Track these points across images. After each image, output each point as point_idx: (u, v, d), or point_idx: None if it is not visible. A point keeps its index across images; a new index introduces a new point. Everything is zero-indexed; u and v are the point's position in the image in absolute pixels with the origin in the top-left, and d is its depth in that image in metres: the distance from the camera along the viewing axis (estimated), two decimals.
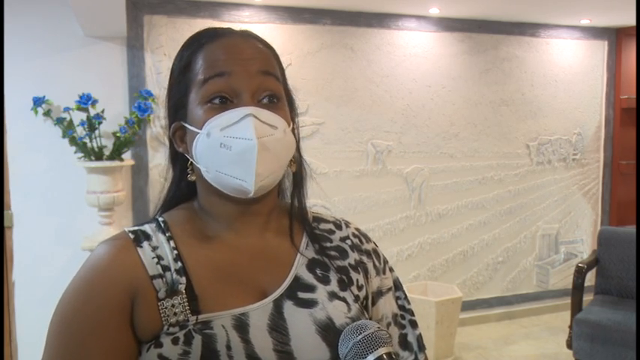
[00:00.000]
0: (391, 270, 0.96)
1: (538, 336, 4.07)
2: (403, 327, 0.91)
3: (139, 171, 3.40)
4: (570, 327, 3.37)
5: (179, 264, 0.79)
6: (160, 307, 0.76)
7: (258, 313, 0.78)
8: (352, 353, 0.70)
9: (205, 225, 0.85)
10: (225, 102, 0.80)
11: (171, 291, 0.77)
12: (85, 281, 0.77)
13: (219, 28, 0.87)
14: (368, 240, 0.96)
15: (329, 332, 0.79)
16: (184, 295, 0.77)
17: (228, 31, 0.85)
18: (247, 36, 0.86)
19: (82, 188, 3.13)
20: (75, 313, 0.76)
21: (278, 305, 0.80)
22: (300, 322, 0.79)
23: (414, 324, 0.92)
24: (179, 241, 0.82)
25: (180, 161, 0.88)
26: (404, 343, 0.90)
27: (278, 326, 0.78)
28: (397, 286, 0.95)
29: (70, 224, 3.28)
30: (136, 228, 0.84)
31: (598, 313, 3.29)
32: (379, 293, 0.91)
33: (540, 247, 4.53)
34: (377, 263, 0.93)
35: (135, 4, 3.31)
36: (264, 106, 0.81)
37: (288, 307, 0.80)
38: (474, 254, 4.30)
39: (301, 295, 0.82)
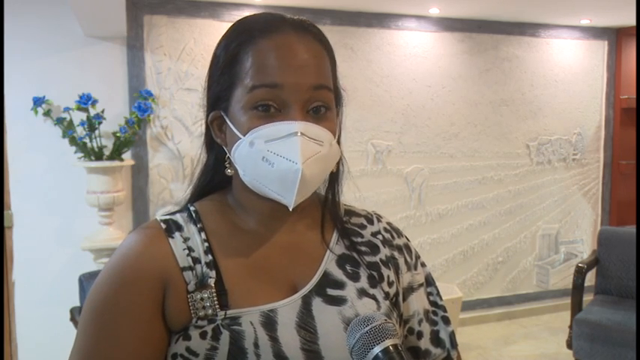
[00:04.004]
0: (423, 265, 0.93)
1: (538, 336, 4.07)
2: (435, 323, 0.89)
3: (139, 171, 3.40)
4: (570, 327, 3.37)
5: (209, 257, 0.78)
6: (189, 300, 0.76)
7: (287, 309, 0.77)
8: (359, 344, 0.72)
9: (237, 218, 0.84)
10: (269, 110, 0.76)
11: (201, 284, 0.76)
12: (118, 269, 0.76)
13: (271, 18, 0.82)
14: (399, 235, 0.93)
15: None
16: (214, 289, 0.76)
17: (282, 24, 0.81)
18: (302, 31, 0.81)
19: (82, 188, 3.13)
20: (107, 301, 0.75)
21: (307, 302, 0.79)
22: (328, 320, 0.78)
23: (446, 320, 0.90)
24: (210, 233, 0.81)
25: (216, 151, 0.85)
26: (436, 339, 0.88)
27: (306, 324, 0.77)
28: (429, 281, 0.93)
29: (70, 224, 3.28)
30: (167, 217, 0.82)
31: (598, 313, 3.29)
32: (410, 289, 0.89)
33: (540, 247, 4.53)
34: (408, 259, 0.91)
35: (135, 4, 3.31)
36: (311, 117, 0.77)
37: (317, 304, 0.79)
38: (474, 254, 4.30)
39: (330, 291, 0.80)
